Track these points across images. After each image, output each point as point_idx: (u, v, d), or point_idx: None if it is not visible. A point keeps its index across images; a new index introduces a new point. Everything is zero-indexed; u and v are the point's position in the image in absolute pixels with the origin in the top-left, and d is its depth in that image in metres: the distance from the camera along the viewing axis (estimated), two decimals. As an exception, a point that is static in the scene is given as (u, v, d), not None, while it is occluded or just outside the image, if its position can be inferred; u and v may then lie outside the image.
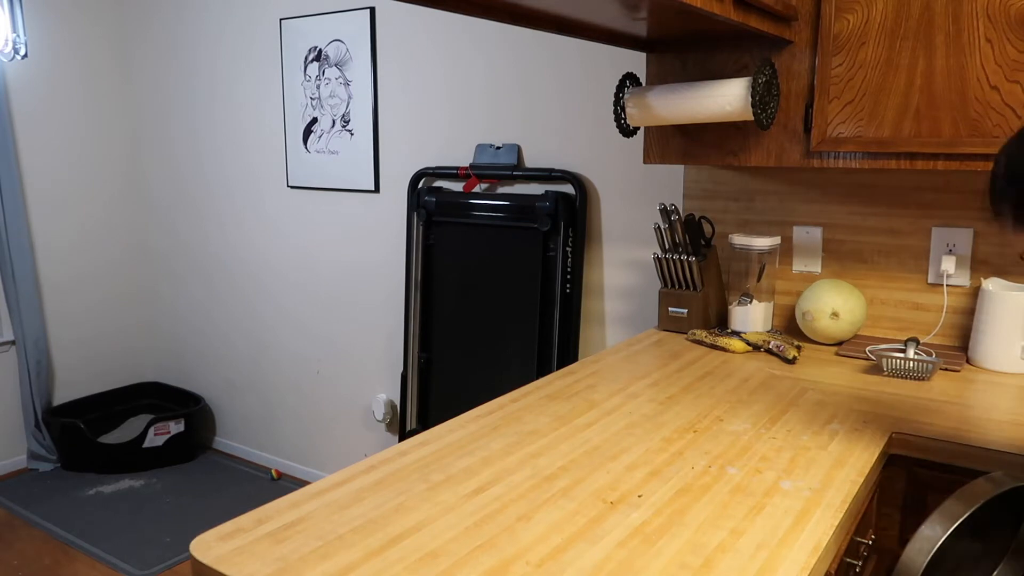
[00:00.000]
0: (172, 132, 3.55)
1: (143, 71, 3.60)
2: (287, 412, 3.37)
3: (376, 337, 2.97)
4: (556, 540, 0.95)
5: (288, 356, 3.30)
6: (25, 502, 3.15)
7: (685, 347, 1.86)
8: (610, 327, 2.36)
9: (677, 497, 1.07)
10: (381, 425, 3.01)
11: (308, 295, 3.17)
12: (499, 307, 2.48)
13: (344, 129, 2.88)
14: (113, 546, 2.80)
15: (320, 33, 2.88)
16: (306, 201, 3.09)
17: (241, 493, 3.24)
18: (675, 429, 1.32)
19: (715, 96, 1.63)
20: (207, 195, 3.46)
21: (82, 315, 3.65)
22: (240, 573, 0.87)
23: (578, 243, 2.32)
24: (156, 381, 3.89)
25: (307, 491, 1.08)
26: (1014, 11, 1.38)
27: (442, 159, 2.64)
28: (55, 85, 3.45)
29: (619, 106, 1.79)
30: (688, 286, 1.95)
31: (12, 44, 2.68)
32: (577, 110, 2.32)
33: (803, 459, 1.20)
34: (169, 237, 3.69)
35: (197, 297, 3.64)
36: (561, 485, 1.11)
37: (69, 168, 3.54)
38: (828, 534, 0.97)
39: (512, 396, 1.49)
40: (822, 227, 1.92)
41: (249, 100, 3.20)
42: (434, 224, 2.60)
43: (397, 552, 0.92)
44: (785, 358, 1.74)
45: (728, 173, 2.04)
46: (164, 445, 3.45)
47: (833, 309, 1.79)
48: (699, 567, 0.90)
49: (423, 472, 1.14)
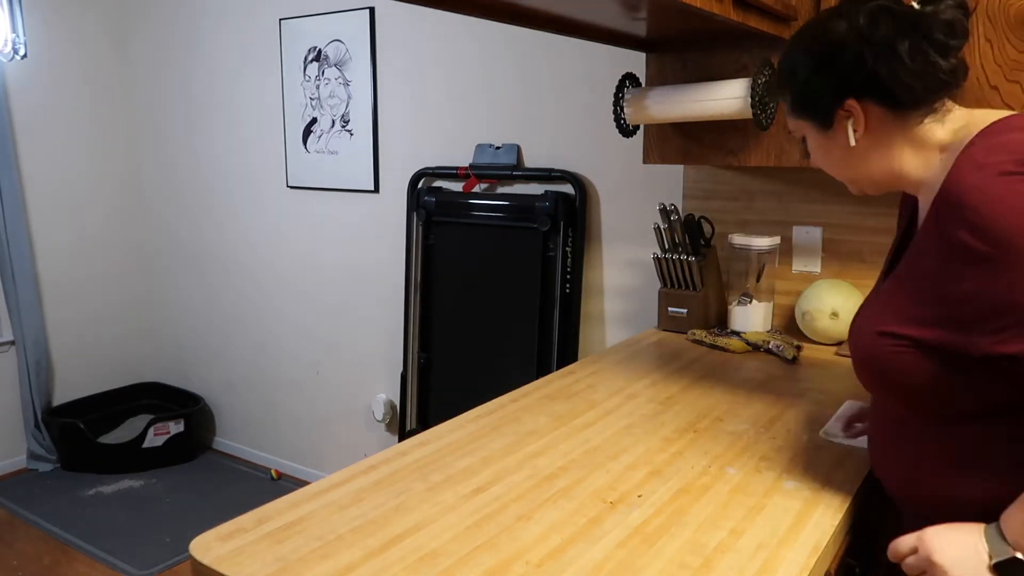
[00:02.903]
0: (172, 132, 3.54)
1: (143, 71, 3.60)
2: (287, 412, 3.37)
3: (376, 337, 2.97)
4: (556, 540, 0.95)
5: (288, 356, 3.30)
6: (25, 502, 3.15)
7: (685, 347, 1.86)
8: (610, 327, 2.36)
9: (677, 497, 1.07)
10: (381, 425, 3.01)
11: (308, 295, 3.17)
12: (499, 307, 2.48)
13: (344, 129, 2.88)
14: (113, 546, 2.80)
15: (320, 33, 2.88)
16: (306, 201, 3.09)
17: (241, 493, 3.24)
18: (675, 429, 1.32)
19: (715, 96, 1.63)
20: (207, 195, 3.46)
21: (82, 315, 3.65)
22: (240, 573, 0.87)
23: (578, 243, 2.32)
24: (156, 381, 3.88)
25: (307, 491, 1.08)
26: (1013, 11, 1.38)
27: (442, 159, 2.64)
28: (55, 86, 3.45)
29: (619, 106, 1.79)
30: (688, 286, 1.95)
31: (12, 44, 2.68)
32: (577, 110, 2.32)
33: (803, 459, 1.20)
34: (169, 237, 3.69)
35: (197, 297, 3.64)
36: (561, 485, 1.11)
37: (69, 168, 3.54)
38: (828, 534, 0.97)
39: (512, 396, 1.49)
40: (822, 227, 1.92)
41: (249, 100, 3.20)
42: (434, 224, 2.60)
43: (397, 552, 0.92)
44: (785, 358, 1.74)
45: (728, 173, 2.04)
46: (164, 445, 3.45)
47: (833, 309, 1.79)
48: (699, 567, 0.90)
49: (423, 472, 1.14)
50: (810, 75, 0.97)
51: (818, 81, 0.96)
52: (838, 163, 1.02)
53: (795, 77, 0.99)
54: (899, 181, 0.99)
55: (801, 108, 1.01)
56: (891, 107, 0.93)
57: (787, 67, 1.01)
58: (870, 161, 0.98)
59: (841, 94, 0.95)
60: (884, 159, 0.97)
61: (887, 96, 0.93)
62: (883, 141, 0.96)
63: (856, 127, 0.96)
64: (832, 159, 1.02)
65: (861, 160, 0.99)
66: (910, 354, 0.89)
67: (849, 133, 0.96)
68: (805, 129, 1.03)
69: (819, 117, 0.99)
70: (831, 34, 0.94)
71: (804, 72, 0.98)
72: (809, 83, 0.98)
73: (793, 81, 1.00)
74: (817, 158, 1.05)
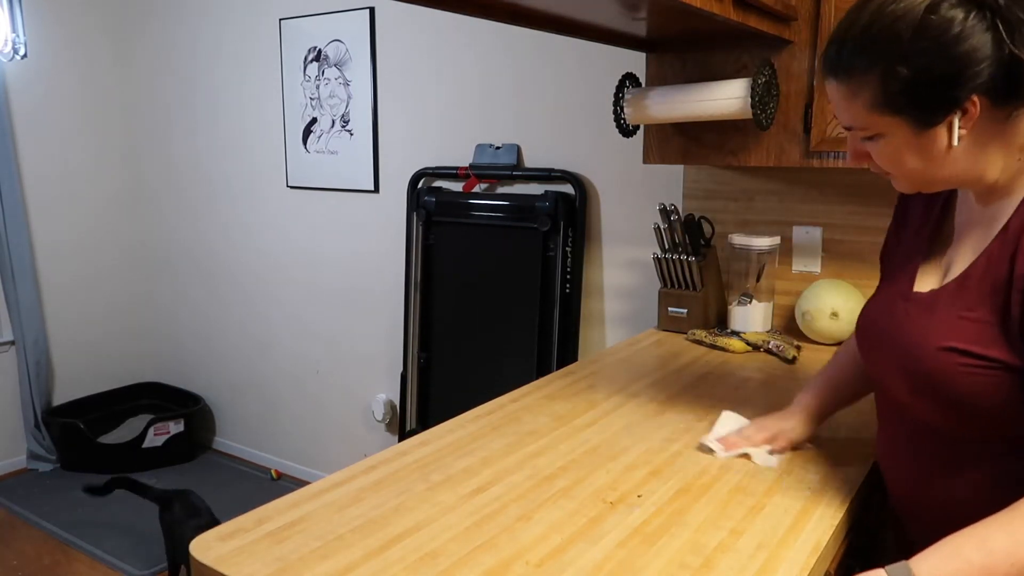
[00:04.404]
0: (172, 132, 3.54)
1: (143, 71, 3.59)
2: (287, 412, 3.37)
3: (376, 337, 2.97)
4: (556, 540, 0.95)
5: (288, 356, 3.30)
6: (25, 502, 3.15)
7: (685, 347, 1.86)
8: (610, 327, 2.36)
9: (677, 497, 1.07)
10: (381, 425, 3.01)
11: (308, 295, 3.17)
12: (499, 307, 2.48)
13: (344, 129, 2.88)
14: (113, 546, 2.80)
15: (320, 33, 2.88)
16: (306, 201, 3.09)
17: (241, 493, 3.24)
18: (675, 429, 1.32)
19: (715, 96, 1.63)
20: (207, 195, 3.46)
21: (82, 315, 3.65)
22: (240, 573, 0.87)
23: (578, 243, 2.32)
24: (156, 381, 3.88)
25: (307, 491, 1.08)
26: (1014, 11, 1.38)
27: (442, 159, 2.64)
28: (55, 85, 3.45)
29: (619, 106, 1.79)
30: (688, 286, 1.95)
31: (12, 44, 2.67)
32: (577, 110, 2.32)
33: (803, 459, 1.20)
34: (169, 237, 3.69)
35: (197, 297, 3.64)
36: (561, 485, 1.11)
37: (69, 167, 3.54)
38: (828, 534, 0.97)
39: (512, 396, 1.49)
40: (822, 227, 1.92)
41: (249, 100, 3.20)
42: (434, 224, 2.60)
43: (397, 552, 0.92)
44: (785, 358, 1.74)
45: (728, 173, 2.04)
46: (164, 445, 3.45)
47: (833, 309, 1.79)
48: (699, 567, 0.90)
49: (423, 472, 1.14)
50: (928, 66, 0.80)
51: (940, 73, 0.80)
52: (923, 164, 0.87)
53: (902, 68, 0.81)
54: (975, 183, 0.88)
55: (903, 104, 0.83)
56: (1000, 101, 0.81)
57: (886, 56, 0.82)
58: (958, 162, 0.85)
59: (968, 88, 0.80)
60: (974, 159, 0.85)
61: (1011, 89, 0.80)
62: (979, 140, 0.84)
63: (964, 125, 0.82)
64: (916, 160, 0.87)
65: (951, 161, 0.85)
66: (986, 375, 0.82)
67: (954, 132, 0.83)
68: (888, 127, 0.86)
69: (924, 115, 0.83)
70: (953, 20, 0.79)
71: (921, 62, 0.80)
72: (926, 75, 0.81)
73: (895, 74, 0.82)
74: (890, 160, 0.89)
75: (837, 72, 0.87)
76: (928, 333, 0.89)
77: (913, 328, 0.92)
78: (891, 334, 0.95)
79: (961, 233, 0.95)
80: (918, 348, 0.90)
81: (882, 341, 0.98)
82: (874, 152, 0.90)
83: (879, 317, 0.99)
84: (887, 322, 0.97)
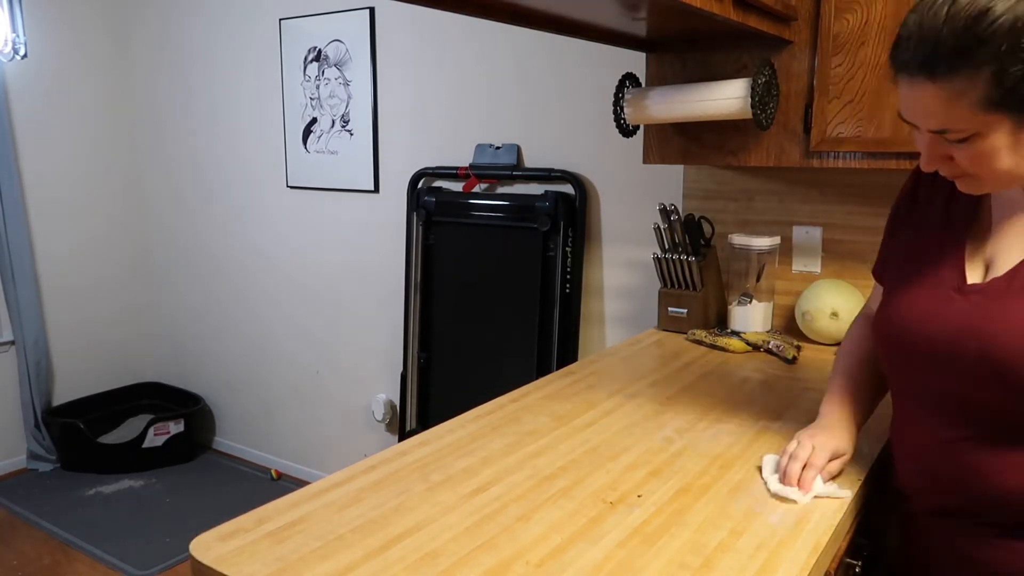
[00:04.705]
0: (171, 131, 3.54)
1: (143, 72, 3.60)
2: (287, 412, 3.37)
3: (376, 337, 2.97)
4: (556, 540, 0.95)
5: (288, 356, 3.30)
6: (25, 502, 3.15)
7: (685, 347, 1.86)
8: (610, 327, 2.36)
9: (677, 497, 1.07)
10: (381, 425, 3.01)
11: (308, 295, 3.17)
12: (499, 307, 2.48)
13: (344, 129, 2.88)
14: (113, 546, 2.80)
15: (320, 33, 2.88)
16: (306, 201, 3.09)
17: (241, 493, 3.24)
18: (675, 429, 1.32)
19: (715, 96, 1.63)
20: (207, 195, 3.46)
21: (82, 315, 3.65)
22: (240, 573, 0.87)
23: (578, 243, 2.32)
24: (156, 381, 3.88)
25: (307, 491, 1.08)
26: (1014, 11, 1.38)
27: (442, 159, 2.64)
28: (55, 86, 3.45)
29: (619, 106, 1.79)
30: (688, 286, 1.95)
31: (12, 44, 2.68)
32: (577, 110, 2.32)
33: (803, 459, 1.20)
34: (169, 237, 3.69)
35: (197, 297, 3.64)
36: (561, 485, 1.11)
37: (69, 168, 3.54)
38: (828, 534, 0.97)
39: (512, 396, 1.49)
40: (822, 227, 1.92)
41: (249, 100, 3.20)
42: (434, 224, 2.60)
43: (397, 552, 0.92)
44: (785, 358, 1.74)
45: (728, 173, 2.04)
46: (164, 445, 3.45)
47: (833, 309, 1.79)
48: (699, 567, 0.90)
49: (423, 472, 1.14)
50: None
51: None
52: (1016, 163, 0.82)
53: (1016, 65, 0.77)
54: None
55: (1015, 102, 0.79)
56: None
57: (998, 54, 0.77)
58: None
59: None
60: None
61: None
62: None
63: None
64: (1011, 159, 0.82)
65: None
66: None
67: None
68: (990, 127, 0.81)
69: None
70: None
71: None
72: None
73: (1009, 71, 0.77)
74: (982, 160, 0.84)
75: (935, 73, 0.80)
76: (1021, 320, 0.86)
77: (998, 317, 0.88)
78: (959, 328, 0.91)
79: (1001, 226, 0.94)
80: (1011, 336, 0.86)
81: (936, 340, 0.93)
82: (962, 154, 0.84)
83: (927, 318, 0.94)
84: (943, 321, 0.92)
